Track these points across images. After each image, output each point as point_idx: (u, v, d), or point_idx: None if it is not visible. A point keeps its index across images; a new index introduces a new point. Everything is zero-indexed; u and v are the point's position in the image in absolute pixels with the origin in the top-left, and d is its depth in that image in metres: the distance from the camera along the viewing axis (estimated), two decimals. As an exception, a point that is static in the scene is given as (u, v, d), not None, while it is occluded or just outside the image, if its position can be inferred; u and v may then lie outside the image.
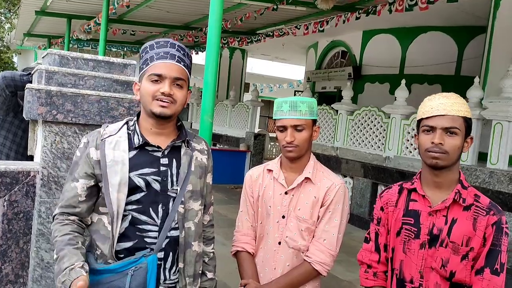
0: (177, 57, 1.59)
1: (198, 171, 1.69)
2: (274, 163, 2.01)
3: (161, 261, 1.59)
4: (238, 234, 2.03)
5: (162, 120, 1.59)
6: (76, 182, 1.57)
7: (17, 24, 14.20)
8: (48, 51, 2.34)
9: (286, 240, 1.89)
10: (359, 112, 7.74)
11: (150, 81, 1.57)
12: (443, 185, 1.63)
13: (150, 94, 1.56)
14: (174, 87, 1.57)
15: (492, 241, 1.53)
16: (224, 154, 10.64)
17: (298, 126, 1.84)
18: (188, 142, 1.69)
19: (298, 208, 1.89)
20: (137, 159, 1.58)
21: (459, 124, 1.56)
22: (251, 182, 2.03)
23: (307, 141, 1.88)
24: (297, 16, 9.46)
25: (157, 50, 1.59)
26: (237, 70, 15.50)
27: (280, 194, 1.93)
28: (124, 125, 1.64)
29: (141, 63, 1.63)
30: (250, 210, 2.02)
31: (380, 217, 1.78)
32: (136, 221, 1.56)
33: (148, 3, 8.97)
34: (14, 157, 2.95)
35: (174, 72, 1.57)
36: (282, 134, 1.87)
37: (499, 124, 5.47)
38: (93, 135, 1.63)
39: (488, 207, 1.58)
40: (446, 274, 1.58)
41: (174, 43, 1.62)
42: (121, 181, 1.54)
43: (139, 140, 1.59)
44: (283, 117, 1.86)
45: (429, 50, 9.97)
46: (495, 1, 6.41)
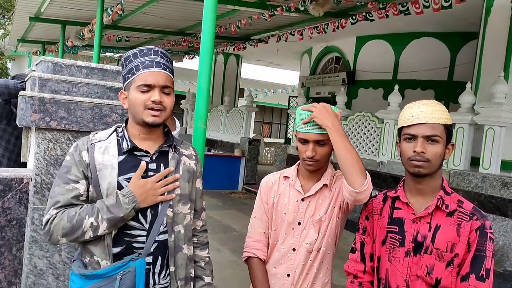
0: (162, 65, 1.60)
1: (186, 175, 1.70)
2: (291, 170, 1.99)
3: (149, 265, 1.59)
4: (250, 240, 2.00)
5: (153, 128, 1.62)
6: (74, 183, 1.56)
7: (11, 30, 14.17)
8: (41, 58, 2.35)
9: (306, 247, 1.87)
10: (353, 118, 7.78)
11: (139, 91, 1.57)
12: (426, 192, 1.63)
13: (141, 103, 1.57)
14: (163, 95, 1.59)
15: (477, 247, 1.53)
16: (218, 160, 10.63)
17: (321, 141, 1.81)
18: (175, 147, 1.71)
19: (317, 214, 1.88)
20: (125, 163, 1.59)
21: (440, 132, 1.57)
22: (267, 188, 2.01)
23: (328, 155, 1.86)
24: (290, 22, 9.50)
25: (142, 59, 1.60)
26: (231, 75, 15.53)
27: (296, 201, 1.91)
28: (114, 132, 1.66)
29: (126, 72, 1.63)
30: (264, 216, 1.99)
31: (366, 226, 1.79)
32: (124, 227, 1.56)
33: (142, 9, 8.98)
34: (6, 164, 2.95)
35: (162, 80, 1.58)
36: (304, 146, 1.84)
37: (491, 129, 5.52)
38: (82, 140, 1.64)
39: (471, 212, 1.57)
40: (432, 282, 1.57)
41: (157, 50, 1.63)
42: (109, 185, 1.55)
43: (128, 145, 1.61)
44: (306, 130, 1.82)
45: (422, 55, 10.05)
46: (487, 8, 6.48)
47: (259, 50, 12.77)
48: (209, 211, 7.79)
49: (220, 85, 15.12)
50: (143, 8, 8.87)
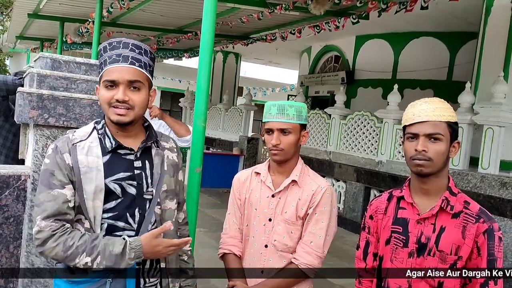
0: (130, 59, 1.50)
1: (170, 170, 1.67)
2: (262, 166, 2.03)
3: (139, 265, 1.55)
4: (225, 236, 2.04)
5: (123, 126, 1.54)
6: (60, 188, 1.47)
7: (9, 26, 14.11)
8: (40, 54, 2.33)
9: (274, 244, 1.89)
10: (352, 117, 7.77)
11: (105, 88, 1.51)
12: (431, 192, 1.60)
13: (106, 101, 1.51)
14: (130, 91, 1.50)
15: (488, 251, 1.49)
16: (217, 158, 10.62)
17: (285, 130, 1.85)
18: (157, 142, 1.66)
19: (285, 211, 1.90)
20: (111, 164, 1.53)
21: (442, 130, 1.53)
22: (239, 184, 2.05)
23: (293, 145, 1.88)
24: (290, 21, 9.48)
25: (109, 53, 1.51)
26: (230, 74, 15.50)
27: (267, 197, 1.94)
28: (94, 130, 1.58)
29: (98, 66, 1.58)
30: (238, 212, 2.03)
31: (370, 226, 1.77)
32: (112, 228, 1.52)
33: (141, 6, 8.95)
34: (4, 161, 2.93)
35: (128, 75, 1.49)
36: (269, 137, 1.89)
37: (490, 129, 5.51)
38: (62, 140, 1.55)
39: (477, 214, 1.53)
40: (435, 284, 1.55)
41: (127, 43, 1.53)
42: (96, 188, 1.49)
43: (112, 144, 1.54)
44: (270, 120, 1.87)
45: (421, 55, 10.04)
46: (487, 8, 6.47)
47: (258, 49, 12.74)
48: (207, 209, 7.78)
49: (219, 84, 15.08)
50: (143, 5, 8.84)
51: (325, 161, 8.16)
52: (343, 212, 7.57)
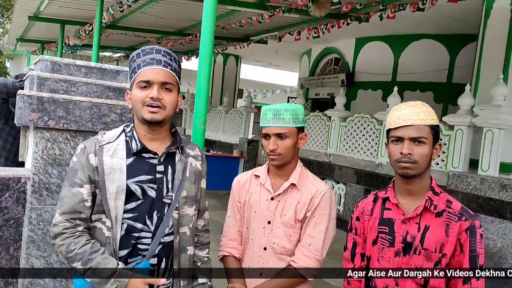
0: (163, 62, 1.61)
1: (192, 177, 1.70)
2: (261, 169, 2.03)
3: (154, 266, 1.60)
4: (225, 239, 2.04)
5: (154, 125, 1.61)
6: (79, 187, 1.56)
7: (10, 29, 14.14)
8: (40, 57, 2.34)
9: (273, 246, 1.90)
10: (352, 119, 7.78)
11: (139, 88, 1.59)
12: (415, 193, 1.65)
13: (140, 100, 1.58)
14: (163, 92, 1.59)
15: (470, 248, 1.55)
16: (217, 160, 10.62)
17: (281, 135, 1.85)
18: (182, 148, 1.70)
19: (284, 214, 1.91)
20: (134, 166, 1.59)
21: (426, 133, 1.59)
22: (239, 187, 2.05)
23: (291, 149, 1.88)
24: (290, 23, 9.50)
25: (143, 58, 1.62)
26: (231, 76, 15.51)
27: (266, 200, 1.94)
28: (122, 133, 1.66)
29: (130, 72, 1.66)
30: (237, 215, 2.03)
31: (357, 227, 1.81)
32: (131, 229, 1.58)
33: (142, 9, 8.97)
34: (4, 163, 2.94)
35: (161, 77, 1.59)
36: (266, 141, 1.89)
37: (490, 131, 5.52)
38: (90, 141, 1.63)
39: (459, 213, 1.59)
40: (421, 281, 1.59)
41: (160, 49, 1.64)
42: (118, 189, 1.55)
43: (137, 145, 1.61)
44: (266, 125, 1.88)
45: (421, 57, 10.05)
46: (486, 10, 6.49)
47: (258, 51, 12.76)
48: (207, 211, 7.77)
49: (219, 86, 15.09)
50: (143, 8, 8.86)
51: (325, 163, 8.16)
52: (343, 214, 7.57)
